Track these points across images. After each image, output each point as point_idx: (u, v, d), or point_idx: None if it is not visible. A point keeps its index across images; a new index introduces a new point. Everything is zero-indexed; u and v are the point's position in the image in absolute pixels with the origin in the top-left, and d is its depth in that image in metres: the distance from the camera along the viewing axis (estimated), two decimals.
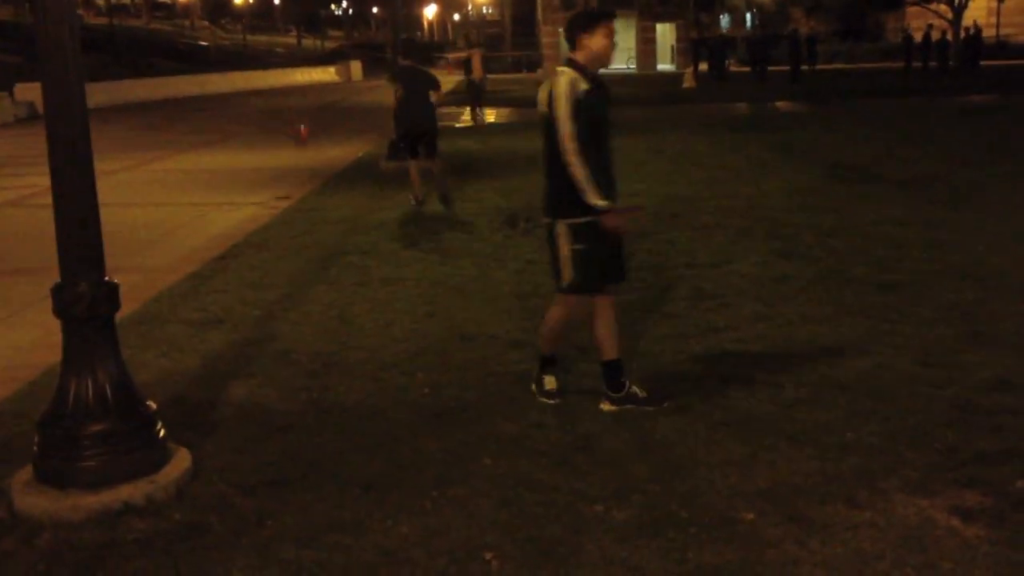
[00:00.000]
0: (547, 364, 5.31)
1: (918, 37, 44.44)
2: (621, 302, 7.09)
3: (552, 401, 5.18)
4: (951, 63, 41.43)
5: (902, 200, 11.14)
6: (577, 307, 5.14)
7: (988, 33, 49.73)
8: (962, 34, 43.59)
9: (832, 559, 3.58)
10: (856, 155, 15.46)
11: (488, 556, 3.68)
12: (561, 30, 5.08)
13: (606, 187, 4.84)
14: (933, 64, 41.67)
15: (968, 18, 45.61)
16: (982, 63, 41.40)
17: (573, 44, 4.94)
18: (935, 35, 42.50)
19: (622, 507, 4.02)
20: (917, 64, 42.67)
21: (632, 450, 4.59)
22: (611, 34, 4.93)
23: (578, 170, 4.74)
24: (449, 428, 4.90)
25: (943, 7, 46.61)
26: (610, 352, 5.12)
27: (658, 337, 6.33)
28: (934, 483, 4.13)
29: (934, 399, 5.07)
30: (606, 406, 5.09)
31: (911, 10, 54.66)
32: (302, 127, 13.41)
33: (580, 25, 4.92)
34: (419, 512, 4.04)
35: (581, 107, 4.78)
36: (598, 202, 4.77)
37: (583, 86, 4.83)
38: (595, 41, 4.88)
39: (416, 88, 11.38)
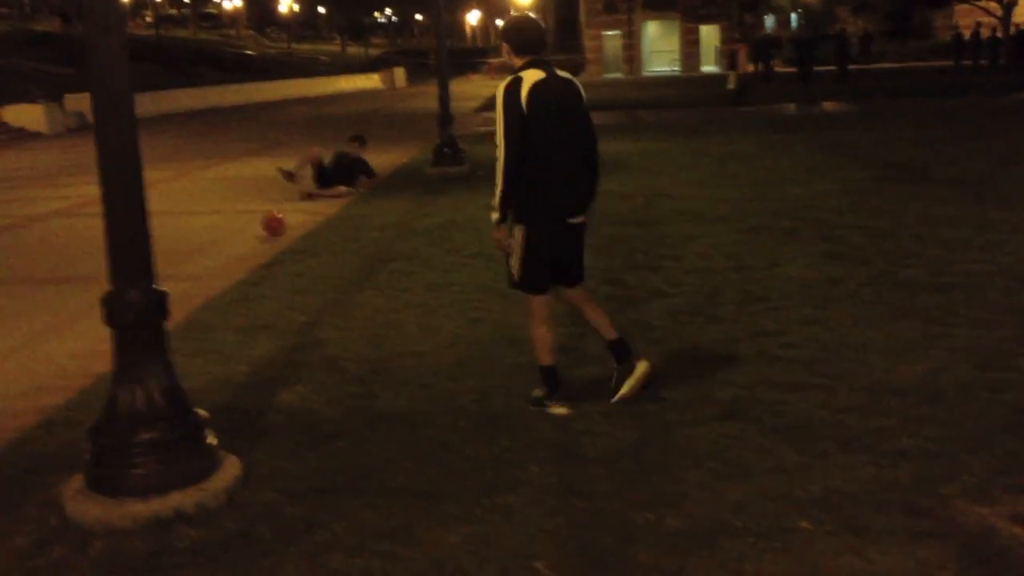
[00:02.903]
0: (555, 377, 5.26)
1: (967, 35, 43.78)
2: (669, 305, 7.06)
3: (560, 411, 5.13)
4: (1001, 61, 40.74)
5: (953, 200, 10.94)
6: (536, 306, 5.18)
7: None
8: (1012, 31, 42.88)
9: (892, 569, 3.50)
10: (905, 155, 15.23)
11: (538, 565, 3.64)
12: (604, 33, 5.10)
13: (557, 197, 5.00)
14: (983, 62, 41.02)
15: (1018, 15, 44.87)
16: None
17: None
18: (984, 32, 41.82)
19: (674, 515, 3.96)
20: (967, 62, 42.02)
21: (682, 457, 4.52)
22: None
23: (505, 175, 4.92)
24: (497, 435, 4.87)
25: (992, 4, 45.88)
26: (541, 357, 5.21)
27: (706, 341, 6.26)
28: (995, 490, 4.02)
29: (993, 404, 4.95)
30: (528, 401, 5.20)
31: (959, 8, 53.84)
32: (276, 213, 10.68)
33: None
34: (468, 520, 4.00)
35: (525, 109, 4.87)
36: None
37: (532, 80, 4.89)
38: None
39: None
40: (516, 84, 4.85)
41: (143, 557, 3.84)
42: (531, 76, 4.86)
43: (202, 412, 4.49)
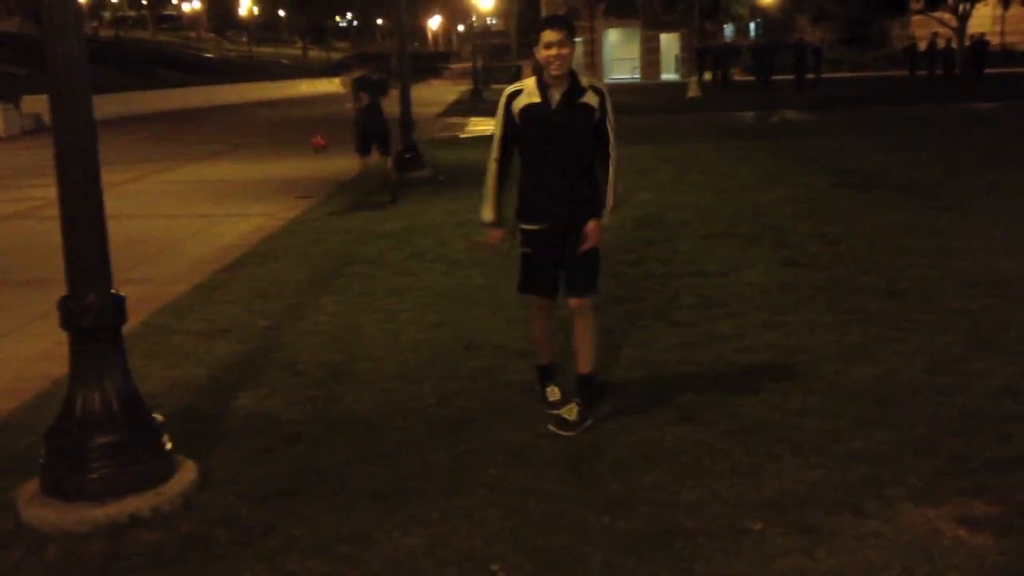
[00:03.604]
0: (544, 375, 5.37)
1: (922, 45, 44.39)
2: (628, 311, 7.13)
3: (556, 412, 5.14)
4: (956, 71, 41.37)
5: (908, 208, 11.13)
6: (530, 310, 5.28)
7: (993, 41, 49.66)
8: (967, 42, 43.54)
9: (839, 569, 3.57)
10: (862, 163, 15.45)
11: (495, 567, 3.68)
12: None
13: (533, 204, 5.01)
14: (938, 72, 41.62)
15: (973, 26, 45.54)
16: (987, 71, 41.33)
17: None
18: (940, 43, 42.43)
19: (629, 517, 4.01)
20: (922, 72, 42.62)
21: (638, 460, 4.58)
22: (548, 44, 4.73)
23: (487, 177, 5.02)
24: (456, 438, 4.90)
25: (947, 15, 46.57)
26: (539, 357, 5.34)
27: (665, 346, 6.32)
28: (942, 492, 4.12)
29: (942, 407, 5.06)
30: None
31: (916, 19, 54.62)
32: (319, 137, 13.71)
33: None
34: (427, 522, 4.03)
35: (516, 121, 4.89)
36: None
37: (525, 100, 4.86)
38: (538, 51, 4.83)
39: (374, 95, 13.02)
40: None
41: (99, 561, 3.83)
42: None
43: (159, 416, 4.49)
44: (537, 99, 4.84)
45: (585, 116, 4.85)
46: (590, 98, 4.85)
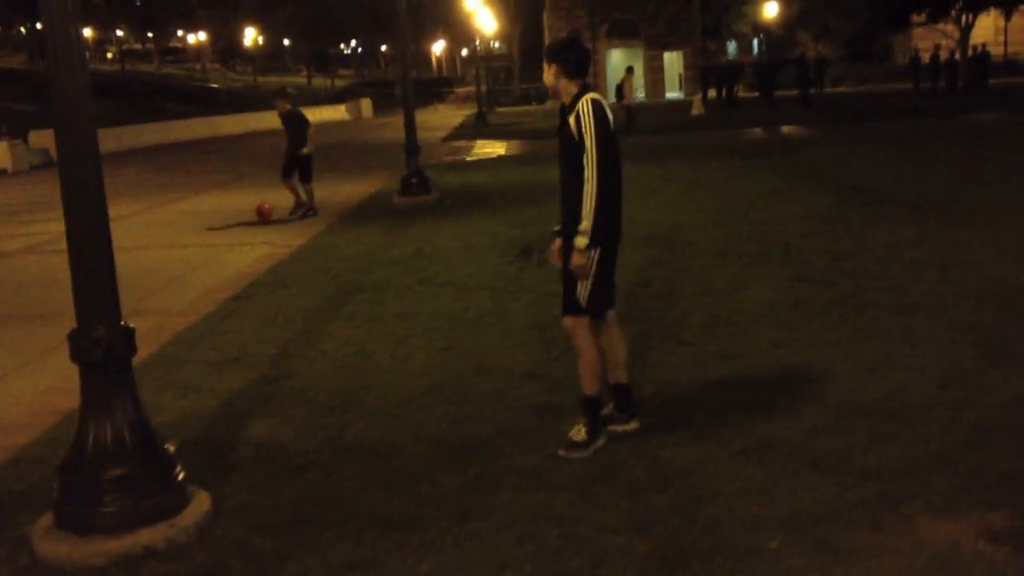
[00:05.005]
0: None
1: (926, 58, 44.44)
2: (636, 331, 7.11)
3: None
4: (960, 83, 41.40)
5: (916, 222, 11.10)
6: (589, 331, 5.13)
7: (996, 52, 49.72)
8: (969, 53, 43.60)
9: None
10: (868, 178, 15.43)
11: None
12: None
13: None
14: (942, 84, 41.67)
15: (975, 37, 45.64)
16: (990, 82, 41.37)
17: None
18: (943, 55, 42.48)
19: (644, 539, 3.99)
20: (925, 85, 42.65)
21: (652, 480, 4.56)
22: (546, 69, 4.96)
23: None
24: (468, 463, 4.88)
25: (950, 27, 46.66)
26: (588, 385, 5.06)
27: (675, 365, 6.31)
28: (959, 506, 4.09)
29: (956, 421, 5.03)
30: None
31: (918, 31, 54.75)
32: (264, 206, 13.99)
33: None
34: (440, 549, 4.02)
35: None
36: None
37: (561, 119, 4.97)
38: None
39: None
40: (599, 105, 4.84)
41: None
42: (598, 97, 4.91)
43: (171, 447, 4.48)
44: (600, 97, 4.95)
45: (567, 138, 4.90)
46: (572, 120, 4.87)
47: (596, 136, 4.76)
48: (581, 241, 4.83)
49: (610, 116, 4.90)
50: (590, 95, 4.87)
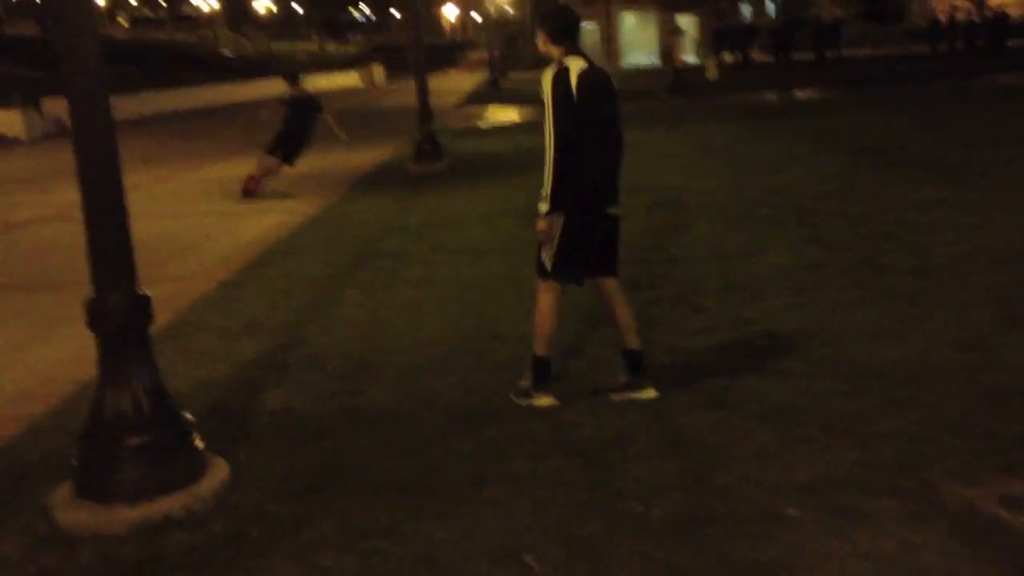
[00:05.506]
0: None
1: (943, 20, 43.93)
2: (649, 296, 7.09)
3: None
4: (978, 42, 40.89)
5: (932, 184, 11.01)
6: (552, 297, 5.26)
7: (1013, 13, 49.06)
8: (986, 14, 43.06)
9: (877, 551, 3.54)
10: (884, 140, 15.30)
11: (526, 558, 3.67)
12: (582, 25, 5.05)
13: None
14: (959, 46, 41.20)
15: None
16: (1009, 44, 40.86)
17: None
18: (960, 16, 41.97)
19: (659, 504, 3.99)
20: (943, 47, 42.17)
21: (667, 446, 4.56)
22: (538, 35, 4.97)
23: None
24: (482, 429, 4.89)
25: None
26: (539, 347, 5.24)
27: (689, 331, 6.29)
28: (978, 471, 4.07)
29: (973, 385, 5.01)
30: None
31: None
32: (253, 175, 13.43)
33: None
34: (455, 515, 4.03)
35: None
36: None
37: None
38: None
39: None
40: (564, 73, 4.81)
41: (133, 563, 3.85)
42: (576, 64, 4.84)
43: (189, 415, 4.50)
44: (585, 63, 4.91)
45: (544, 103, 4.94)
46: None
47: (552, 104, 4.81)
48: (541, 206, 4.93)
49: (588, 83, 4.80)
50: (569, 61, 4.84)
